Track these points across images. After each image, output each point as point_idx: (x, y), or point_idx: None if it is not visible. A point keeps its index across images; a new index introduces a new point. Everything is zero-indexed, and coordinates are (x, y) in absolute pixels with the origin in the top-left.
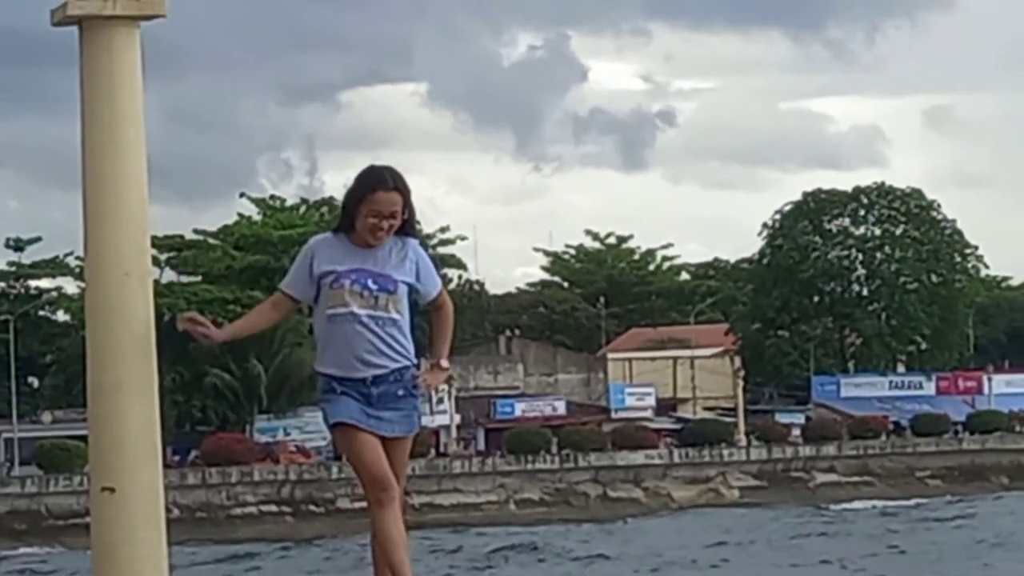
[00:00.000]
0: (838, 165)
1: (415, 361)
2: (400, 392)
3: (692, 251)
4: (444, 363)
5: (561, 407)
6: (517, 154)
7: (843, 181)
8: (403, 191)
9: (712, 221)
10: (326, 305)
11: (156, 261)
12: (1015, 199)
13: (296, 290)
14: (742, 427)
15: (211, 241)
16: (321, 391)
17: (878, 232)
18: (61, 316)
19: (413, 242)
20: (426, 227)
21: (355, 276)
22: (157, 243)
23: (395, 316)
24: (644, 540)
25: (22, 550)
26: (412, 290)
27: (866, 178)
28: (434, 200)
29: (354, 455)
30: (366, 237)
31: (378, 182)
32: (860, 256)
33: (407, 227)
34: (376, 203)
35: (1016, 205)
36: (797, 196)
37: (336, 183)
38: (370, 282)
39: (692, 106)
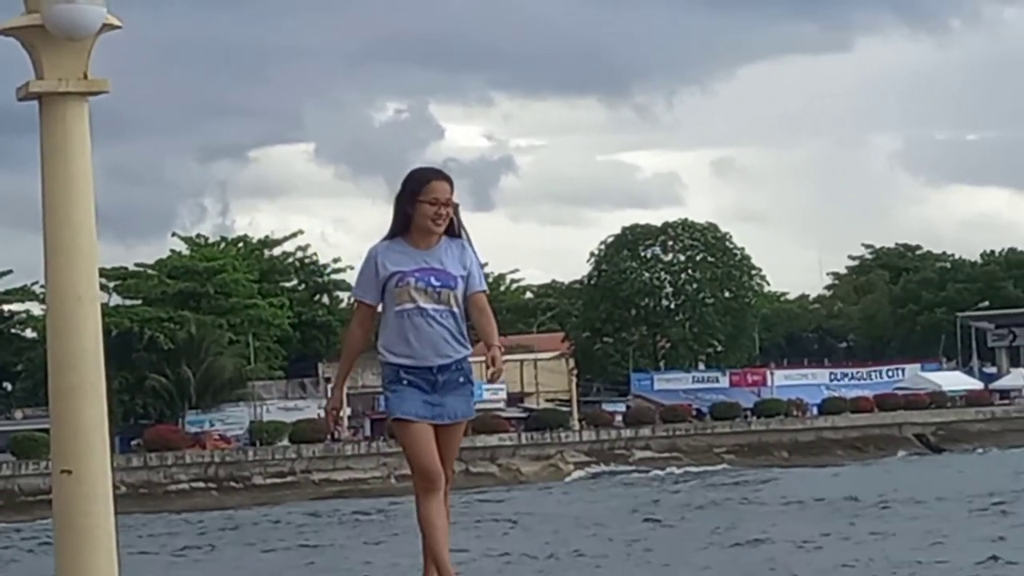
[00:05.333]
0: (645, 205)
1: (471, 350)
2: (460, 380)
3: (534, 275)
4: (497, 342)
5: None
6: (389, 198)
7: (649, 217)
8: (451, 184)
9: (549, 251)
10: (394, 303)
11: (104, 287)
12: (785, 232)
13: (370, 297)
14: (576, 415)
15: (149, 271)
16: (388, 380)
17: (683, 258)
18: (29, 333)
19: (464, 242)
20: (321, 258)
21: (419, 275)
22: (104, 273)
23: (455, 310)
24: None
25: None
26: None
27: (667, 215)
28: (324, 235)
29: (408, 447)
30: (427, 226)
31: (433, 174)
32: (668, 277)
33: (456, 229)
34: (433, 191)
35: (787, 236)
36: (615, 230)
37: (243, 223)
38: (433, 279)
39: (528, 159)
